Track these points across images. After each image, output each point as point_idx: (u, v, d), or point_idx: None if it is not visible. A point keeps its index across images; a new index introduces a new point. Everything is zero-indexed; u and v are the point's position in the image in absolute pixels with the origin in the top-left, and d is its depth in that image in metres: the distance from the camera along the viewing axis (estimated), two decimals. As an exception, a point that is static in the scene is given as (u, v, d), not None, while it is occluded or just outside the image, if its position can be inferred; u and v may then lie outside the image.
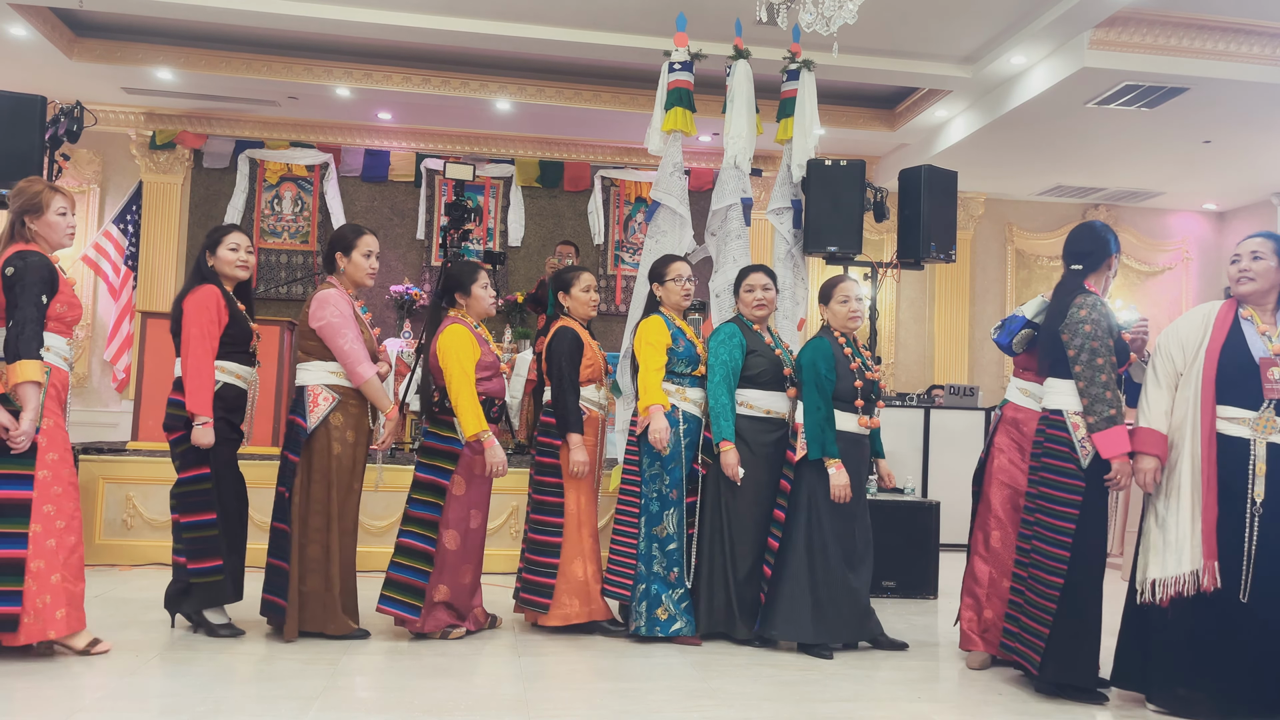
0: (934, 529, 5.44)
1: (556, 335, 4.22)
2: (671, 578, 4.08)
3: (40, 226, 3.55)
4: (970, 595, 3.91)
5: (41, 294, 3.41)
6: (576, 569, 4.12)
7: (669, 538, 4.10)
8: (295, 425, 3.85)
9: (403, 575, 3.95)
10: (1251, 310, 3.43)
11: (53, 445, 3.47)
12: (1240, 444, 3.31)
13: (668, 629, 4.05)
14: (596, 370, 4.25)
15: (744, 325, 4.26)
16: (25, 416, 3.34)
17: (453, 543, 3.99)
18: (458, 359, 3.94)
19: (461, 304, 4.15)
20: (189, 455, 3.79)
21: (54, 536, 3.45)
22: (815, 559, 3.97)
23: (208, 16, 6.62)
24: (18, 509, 3.39)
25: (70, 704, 3.03)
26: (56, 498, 3.47)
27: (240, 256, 3.93)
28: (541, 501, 4.18)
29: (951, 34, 6.71)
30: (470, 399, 3.91)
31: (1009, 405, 3.93)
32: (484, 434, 3.92)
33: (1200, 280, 10.33)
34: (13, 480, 3.39)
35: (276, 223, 9.04)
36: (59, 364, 3.54)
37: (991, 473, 3.89)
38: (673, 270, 4.30)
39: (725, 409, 4.08)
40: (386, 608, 3.95)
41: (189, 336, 3.76)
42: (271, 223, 9.03)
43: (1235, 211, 10.24)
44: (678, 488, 4.12)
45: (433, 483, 4.00)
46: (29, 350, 3.34)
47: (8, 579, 3.35)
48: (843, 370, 4.04)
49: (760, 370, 4.16)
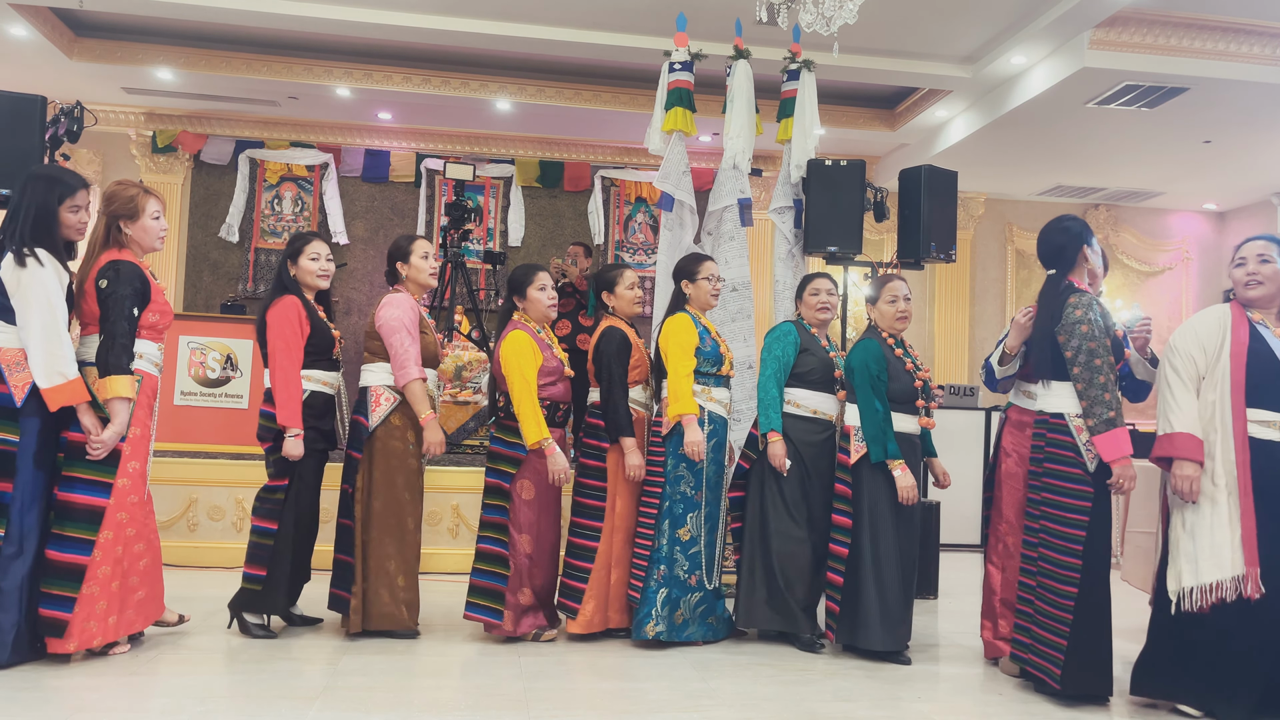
0: (934, 529, 5.43)
1: (604, 336, 4.17)
2: (692, 582, 4.04)
3: (135, 231, 3.58)
4: (988, 604, 3.89)
5: (133, 307, 3.45)
6: (604, 576, 4.08)
7: (692, 540, 4.06)
8: (358, 424, 3.94)
9: (484, 580, 3.96)
10: (1260, 314, 3.39)
11: (135, 454, 3.52)
12: (1272, 447, 3.26)
13: (682, 634, 4.02)
14: (644, 370, 4.22)
15: (801, 326, 4.24)
16: (111, 429, 3.38)
17: (528, 546, 3.99)
18: (518, 366, 3.93)
19: (520, 307, 4.15)
20: (278, 465, 3.86)
21: (123, 544, 3.48)
22: (881, 565, 3.92)
23: (208, 16, 6.62)
24: (90, 515, 3.40)
25: (71, 704, 3.03)
26: (132, 506, 3.50)
27: (321, 265, 3.99)
28: (583, 504, 4.13)
29: (951, 34, 6.71)
30: (531, 407, 3.91)
31: (1013, 408, 3.87)
32: (545, 442, 3.90)
33: (1200, 280, 10.33)
34: (92, 486, 3.41)
35: (276, 223, 9.04)
36: (150, 370, 3.59)
37: (1001, 477, 3.85)
38: (704, 269, 4.25)
39: (774, 401, 4.06)
40: (472, 614, 3.96)
41: (274, 350, 3.82)
42: (271, 223, 9.03)
43: (1235, 211, 10.24)
44: (702, 490, 4.08)
45: (498, 487, 4.01)
46: (119, 366, 3.39)
47: (65, 584, 3.36)
48: (896, 371, 3.99)
49: (810, 369, 4.13)
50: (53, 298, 3.33)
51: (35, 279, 3.31)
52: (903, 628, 3.96)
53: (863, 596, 3.92)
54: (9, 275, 3.32)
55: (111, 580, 3.44)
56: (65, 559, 3.36)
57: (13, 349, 3.32)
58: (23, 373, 3.32)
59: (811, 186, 5.34)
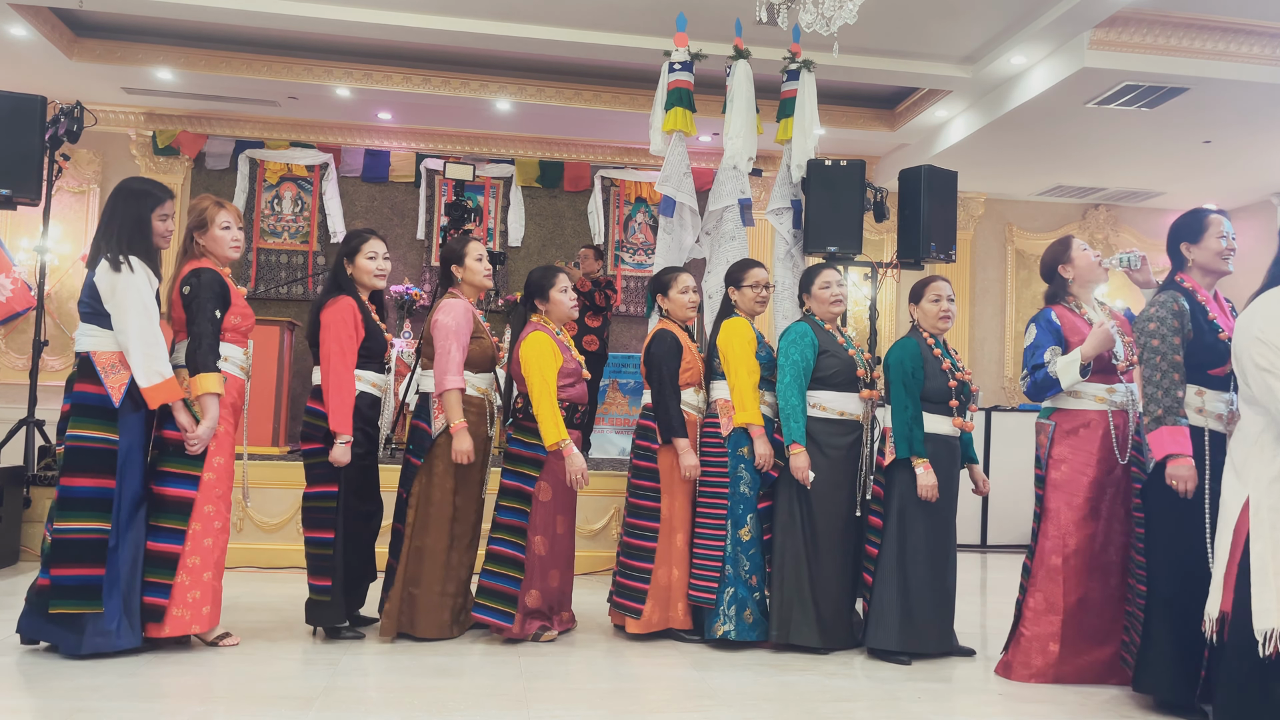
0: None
1: (656, 338, 4.18)
2: (753, 582, 4.04)
3: (207, 241, 3.74)
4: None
5: (215, 309, 3.61)
6: (663, 575, 4.08)
7: (750, 541, 4.05)
8: (420, 430, 3.95)
9: (494, 583, 3.95)
10: None
11: (220, 450, 3.68)
12: None
13: (753, 634, 4.01)
14: (696, 373, 4.20)
15: (816, 325, 4.17)
16: (204, 424, 3.57)
17: (542, 548, 3.99)
18: (539, 368, 3.93)
19: (542, 309, 4.14)
20: (321, 470, 3.83)
21: (211, 536, 3.65)
22: (906, 565, 3.90)
23: (208, 16, 6.62)
24: (182, 506, 3.61)
25: (72, 704, 3.03)
26: (217, 499, 3.68)
27: (378, 265, 3.98)
28: (637, 505, 4.14)
29: (951, 34, 6.71)
30: (551, 408, 3.90)
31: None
32: (564, 443, 3.89)
33: (1200, 280, 10.31)
34: (182, 479, 3.62)
35: (276, 223, 9.04)
36: (235, 373, 3.75)
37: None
38: (750, 276, 4.24)
39: (796, 410, 3.99)
40: (480, 615, 3.96)
41: (328, 352, 3.81)
42: (271, 223, 9.03)
43: (1235, 211, 10.23)
44: (755, 490, 4.08)
45: (518, 489, 4.00)
46: (206, 364, 3.57)
47: (161, 572, 3.57)
48: (933, 370, 3.97)
49: (833, 371, 4.07)
50: (146, 301, 3.51)
51: (130, 284, 3.48)
52: (931, 629, 3.92)
53: (884, 596, 3.90)
54: (104, 282, 3.50)
55: (202, 570, 3.62)
56: (160, 548, 3.58)
57: (110, 352, 3.51)
58: (119, 374, 3.50)
59: (811, 186, 5.34)
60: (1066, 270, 3.89)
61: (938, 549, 3.96)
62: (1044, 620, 3.69)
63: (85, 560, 3.43)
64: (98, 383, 3.49)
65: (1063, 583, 3.66)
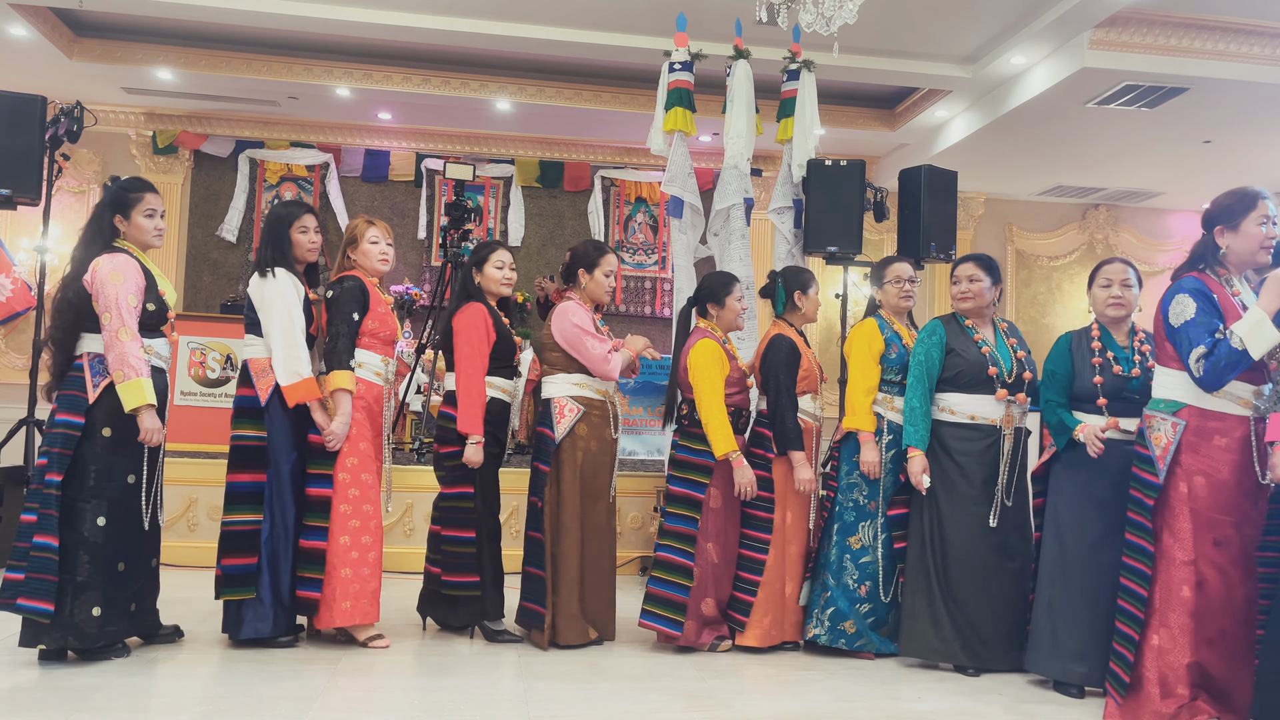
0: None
1: (772, 344, 4.07)
2: (862, 592, 3.95)
3: (358, 256, 4.00)
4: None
5: (353, 312, 3.86)
6: (777, 587, 4.02)
7: (864, 549, 3.97)
8: (544, 436, 4.01)
9: (663, 590, 3.94)
10: None
11: (352, 452, 3.86)
12: None
13: (852, 643, 3.94)
14: (813, 380, 4.11)
15: (953, 321, 3.97)
16: (337, 420, 3.78)
17: (715, 555, 3.97)
18: (708, 376, 3.91)
19: (713, 315, 4.11)
20: (456, 471, 3.96)
21: (347, 534, 3.81)
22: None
23: (208, 16, 6.62)
24: (321, 505, 3.82)
25: (72, 704, 3.03)
26: (353, 500, 3.84)
27: (505, 274, 4.14)
28: (750, 515, 4.04)
29: (951, 34, 6.71)
30: (721, 418, 3.88)
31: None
32: (733, 454, 3.87)
33: (1200, 280, 10.31)
34: (319, 479, 3.83)
35: (276, 223, 9.03)
36: (370, 379, 3.93)
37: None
38: (891, 272, 4.17)
39: (914, 412, 3.86)
40: (648, 623, 3.95)
41: (460, 357, 3.95)
42: (271, 223, 9.03)
43: (1235, 211, 10.24)
44: (878, 500, 3.98)
45: (688, 496, 3.97)
46: (339, 362, 3.80)
47: (313, 567, 3.77)
48: (1082, 366, 3.65)
49: (958, 371, 3.86)
50: (290, 307, 3.76)
51: (274, 291, 3.76)
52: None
53: (1035, 617, 3.70)
54: (255, 291, 3.80)
55: (339, 568, 3.78)
56: (309, 545, 3.79)
57: (262, 358, 3.79)
58: (267, 377, 3.76)
59: (811, 186, 5.35)
60: (1223, 238, 3.24)
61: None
62: (1171, 657, 3.14)
63: (245, 550, 3.71)
64: (250, 386, 3.77)
65: (1195, 617, 3.10)
